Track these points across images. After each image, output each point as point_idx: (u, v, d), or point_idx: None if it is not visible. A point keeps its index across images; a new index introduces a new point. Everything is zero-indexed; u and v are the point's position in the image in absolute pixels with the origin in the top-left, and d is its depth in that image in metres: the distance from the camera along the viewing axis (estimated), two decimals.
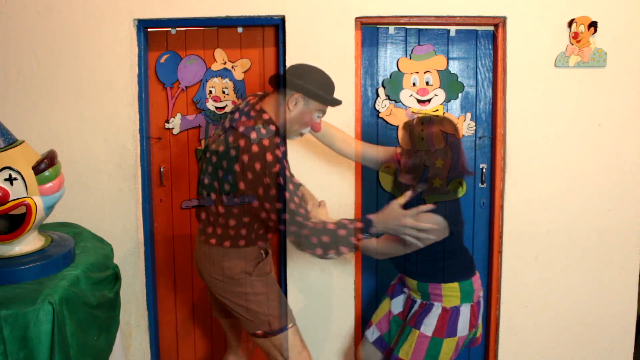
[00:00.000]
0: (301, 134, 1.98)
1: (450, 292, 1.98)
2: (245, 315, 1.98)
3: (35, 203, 1.75)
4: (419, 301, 2.06)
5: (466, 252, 2.06)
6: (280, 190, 1.80)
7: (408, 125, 1.95)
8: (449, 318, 1.98)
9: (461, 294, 1.98)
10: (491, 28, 2.58)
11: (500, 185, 2.59)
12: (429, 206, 1.81)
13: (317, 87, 1.90)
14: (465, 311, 1.99)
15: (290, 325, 2.00)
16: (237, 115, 1.93)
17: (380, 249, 1.98)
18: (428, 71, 2.58)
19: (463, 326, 2.00)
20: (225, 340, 2.19)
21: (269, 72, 2.62)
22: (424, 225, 1.79)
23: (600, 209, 2.59)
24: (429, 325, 1.99)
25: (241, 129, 1.86)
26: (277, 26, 2.56)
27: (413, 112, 1.87)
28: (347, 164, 2.55)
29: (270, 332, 1.97)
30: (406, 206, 1.86)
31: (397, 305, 2.17)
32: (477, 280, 2.05)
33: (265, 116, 1.88)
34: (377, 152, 2.21)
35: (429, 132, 1.88)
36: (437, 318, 1.99)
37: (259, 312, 1.97)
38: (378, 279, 2.72)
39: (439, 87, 2.59)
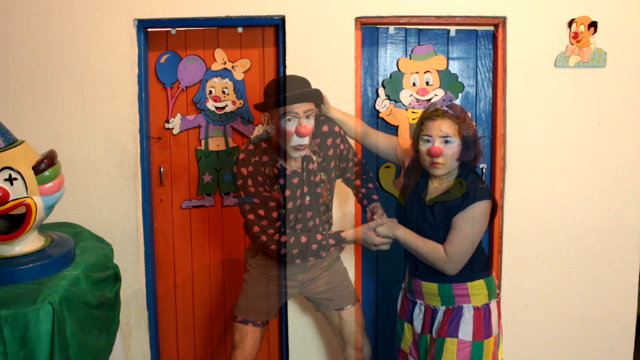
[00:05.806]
0: (298, 148, 1.93)
1: (478, 290, 1.91)
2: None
3: (35, 203, 1.75)
4: (442, 308, 1.93)
5: (484, 249, 2.02)
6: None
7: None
8: (483, 317, 1.90)
9: (488, 291, 1.93)
10: (491, 28, 2.58)
11: (500, 185, 2.59)
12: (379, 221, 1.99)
13: (266, 96, 1.99)
14: (494, 308, 1.94)
15: (239, 318, 2.17)
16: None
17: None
18: (428, 71, 2.58)
19: (495, 324, 1.92)
20: (232, 340, 2.20)
21: (269, 72, 2.62)
22: (378, 240, 1.98)
23: (600, 209, 2.59)
24: (467, 330, 1.87)
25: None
26: (277, 26, 2.56)
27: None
28: None
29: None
30: (410, 204, 1.96)
31: (418, 323, 2.01)
32: (495, 276, 2.02)
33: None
34: (377, 136, 2.14)
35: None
36: (473, 320, 1.89)
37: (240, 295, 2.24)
38: (378, 285, 2.72)
39: (439, 87, 2.59)
